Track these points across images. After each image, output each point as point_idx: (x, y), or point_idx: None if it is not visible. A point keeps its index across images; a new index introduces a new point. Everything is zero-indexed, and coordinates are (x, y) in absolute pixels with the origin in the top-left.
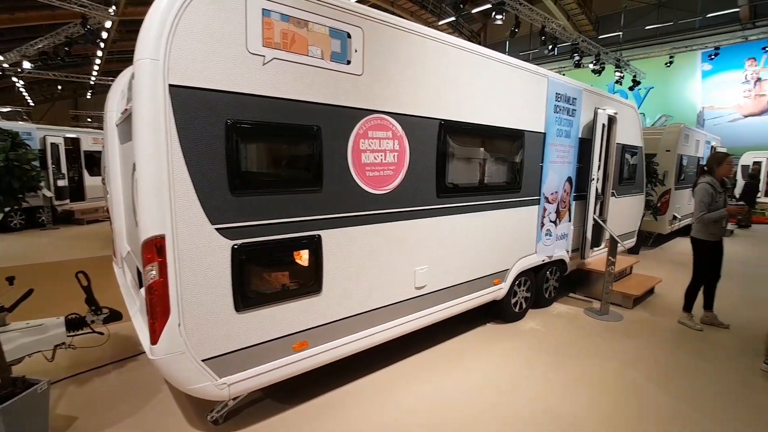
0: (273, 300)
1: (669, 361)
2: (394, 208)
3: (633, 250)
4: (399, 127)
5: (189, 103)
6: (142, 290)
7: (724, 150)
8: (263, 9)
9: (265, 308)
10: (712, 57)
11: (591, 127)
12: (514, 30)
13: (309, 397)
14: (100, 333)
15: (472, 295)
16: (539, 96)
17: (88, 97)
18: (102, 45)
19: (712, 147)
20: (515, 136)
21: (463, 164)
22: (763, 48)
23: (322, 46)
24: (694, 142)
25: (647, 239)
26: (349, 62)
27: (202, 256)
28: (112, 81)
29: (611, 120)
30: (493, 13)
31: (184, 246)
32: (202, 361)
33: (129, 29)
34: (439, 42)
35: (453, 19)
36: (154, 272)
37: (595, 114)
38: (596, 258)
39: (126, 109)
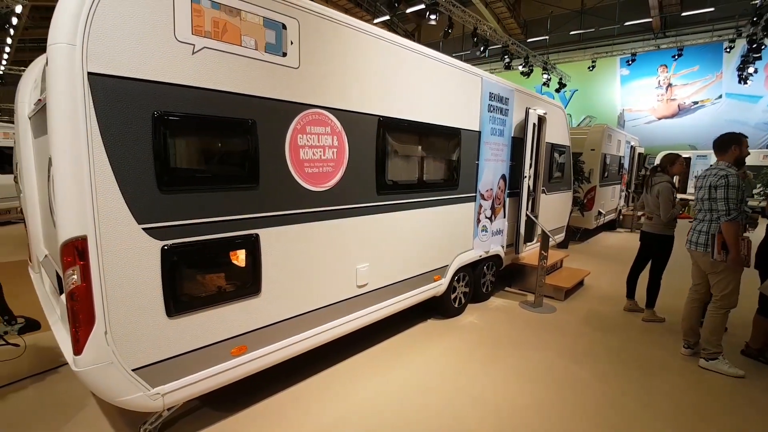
0: (208, 303)
1: (599, 348)
2: (334, 205)
3: (562, 245)
4: (337, 123)
5: (111, 93)
6: (63, 297)
7: (642, 150)
8: None
9: (199, 312)
10: (630, 63)
11: (523, 127)
12: (447, 30)
13: (247, 403)
14: (15, 345)
15: (413, 292)
16: (474, 95)
17: None
18: (12, 32)
19: (632, 147)
20: (452, 134)
21: (402, 161)
22: (673, 56)
23: (255, 37)
24: (616, 142)
25: (575, 234)
26: (285, 54)
27: (129, 259)
28: (24, 71)
29: (541, 120)
30: (427, 13)
31: (109, 248)
32: (133, 370)
33: (43, 16)
34: (378, 38)
35: (387, 18)
36: (75, 277)
37: (527, 113)
38: (529, 252)
39: (40, 99)
